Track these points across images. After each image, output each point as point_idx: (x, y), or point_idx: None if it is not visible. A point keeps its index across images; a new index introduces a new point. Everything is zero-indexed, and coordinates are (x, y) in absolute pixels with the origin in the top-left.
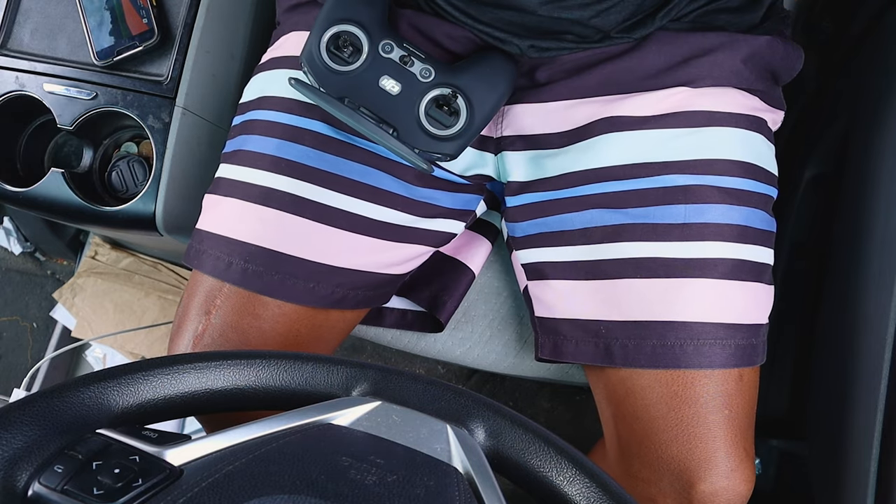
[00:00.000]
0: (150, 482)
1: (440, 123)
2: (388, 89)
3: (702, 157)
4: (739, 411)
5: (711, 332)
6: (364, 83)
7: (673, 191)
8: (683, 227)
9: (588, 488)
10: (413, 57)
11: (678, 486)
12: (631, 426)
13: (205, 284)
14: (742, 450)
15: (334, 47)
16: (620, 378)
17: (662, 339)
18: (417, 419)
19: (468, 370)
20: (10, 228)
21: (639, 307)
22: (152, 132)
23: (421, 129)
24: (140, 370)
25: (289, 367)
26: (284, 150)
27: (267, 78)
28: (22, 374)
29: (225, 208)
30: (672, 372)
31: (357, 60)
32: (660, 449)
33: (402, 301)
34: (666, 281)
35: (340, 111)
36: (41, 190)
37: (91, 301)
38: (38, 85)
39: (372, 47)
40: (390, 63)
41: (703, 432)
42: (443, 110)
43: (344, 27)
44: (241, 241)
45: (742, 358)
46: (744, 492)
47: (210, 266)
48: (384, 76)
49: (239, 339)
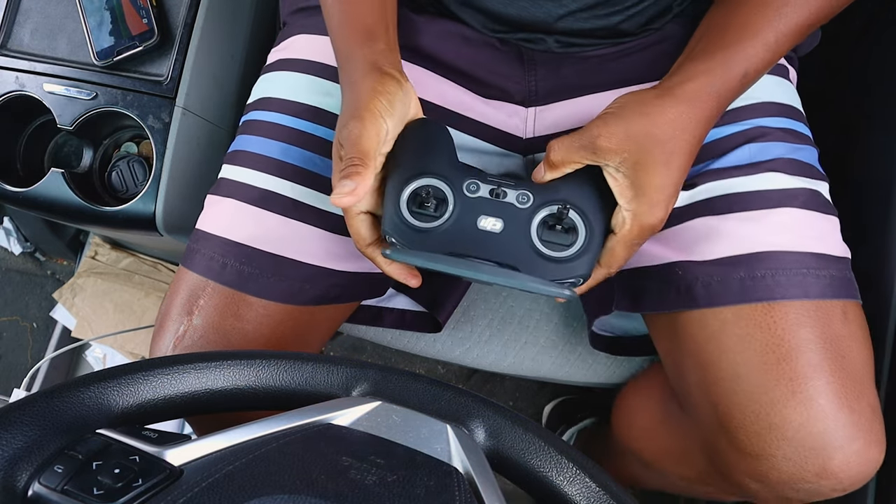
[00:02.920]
0: (150, 482)
1: (559, 245)
2: (489, 229)
3: (749, 102)
4: (855, 357)
5: (803, 261)
6: (462, 232)
7: (732, 137)
8: (751, 165)
9: (588, 488)
10: (503, 187)
11: (798, 456)
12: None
13: (188, 284)
14: (867, 405)
15: (416, 206)
16: (700, 322)
17: (751, 271)
18: (417, 419)
19: (468, 370)
20: (10, 228)
21: (717, 244)
22: (152, 132)
23: (542, 258)
24: (140, 370)
25: (289, 367)
26: (289, 154)
27: (272, 79)
28: (22, 374)
29: (223, 209)
30: (766, 308)
31: (445, 212)
32: (770, 410)
33: (402, 301)
34: (744, 214)
35: (456, 266)
36: (41, 190)
37: (91, 301)
38: (38, 85)
39: (457, 192)
40: (482, 201)
41: (816, 385)
42: (556, 230)
43: (420, 182)
44: (239, 243)
45: (840, 289)
46: (875, 457)
47: (204, 266)
48: (481, 217)
49: (220, 341)
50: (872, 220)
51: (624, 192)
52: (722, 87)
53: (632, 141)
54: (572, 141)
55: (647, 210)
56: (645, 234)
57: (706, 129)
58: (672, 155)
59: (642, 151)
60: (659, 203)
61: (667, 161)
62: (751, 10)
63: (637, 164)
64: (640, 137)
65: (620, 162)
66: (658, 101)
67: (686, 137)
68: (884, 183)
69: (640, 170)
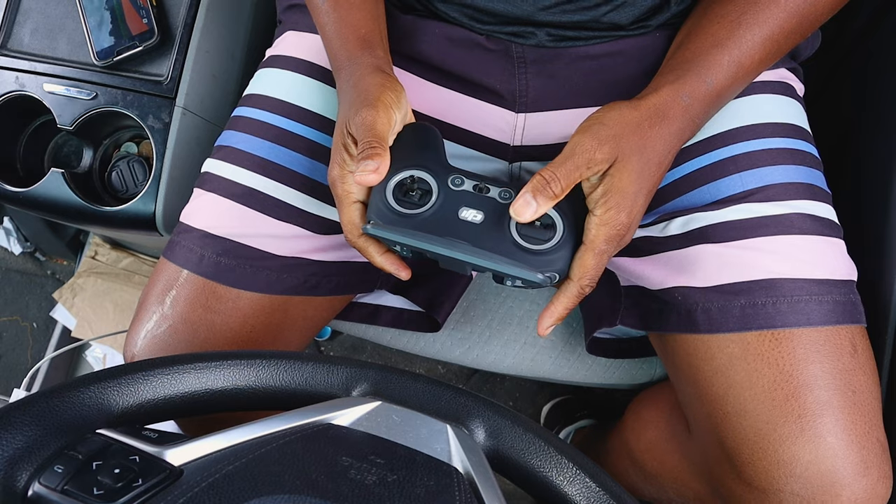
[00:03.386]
0: (150, 482)
1: (537, 239)
2: (470, 219)
3: (741, 124)
4: (864, 392)
5: (804, 287)
6: (443, 219)
7: (721, 164)
8: (746, 194)
9: (588, 488)
10: (487, 184)
11: (806, 493)
12: (732, 421)
13: (165, 274)
14: (875, 441)
15: (402, 195)
16: (706, 354)
17: (751, 298)
18: (417, 419)
19: (468, 370)
20: (10, 228)
21: (717, 271)
22: (152, 132)
23: (519, 249)
24: (140, 370)
25: (289, 367)
26: (273, 153)
27: (263, 76)
28: (22, 374)
29: (205, 203)
30: (773, 342)
31: (429, 201)
32: (778, 447)
33: (399, 300)
34: (742, 242)
35: (431, 242)
36: (41, 190)
37: (91, 301)
38: (38, 85)
39: (441, 184)
40: (465, 194)
41: (825, 422)
42: (534, 226)
43: (407, 172)
44: (218, 236)
45: (843, 314)
46: (883, 493)
47: (182, 257)
48: (462, 208)
49: (188, 332)
50: (871, 227)
51: (595, 197)
52: (691, 99)
53: (617, 151)
54: (567, 166)
55: (613, 215)
56: (612, 242)
57: (678, 142)
58: (646, 164)
59: (622, 160)
60: (624, 209)
61: (640, 170)
62: (715, 22)
63: (614, 171)
64: (623, 148)
65: (605, 169)
66: (636, 113)
67: (658, 149)
68: (883, 188)
69: (614, 176)
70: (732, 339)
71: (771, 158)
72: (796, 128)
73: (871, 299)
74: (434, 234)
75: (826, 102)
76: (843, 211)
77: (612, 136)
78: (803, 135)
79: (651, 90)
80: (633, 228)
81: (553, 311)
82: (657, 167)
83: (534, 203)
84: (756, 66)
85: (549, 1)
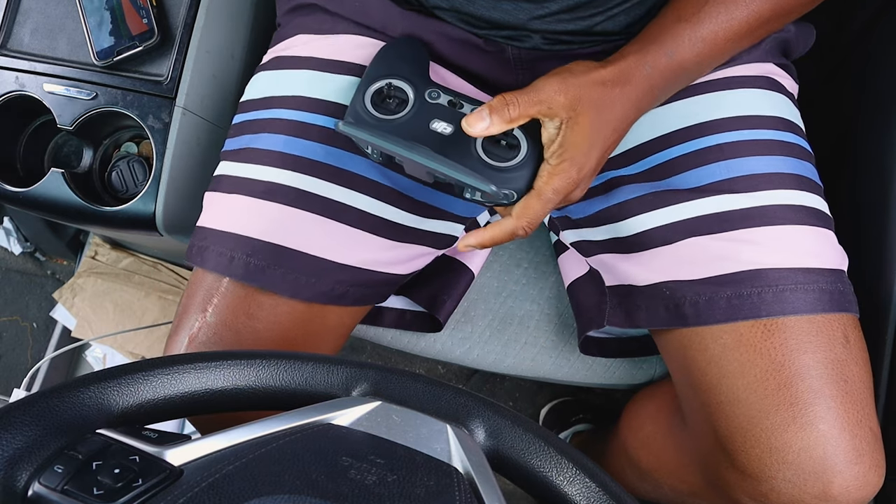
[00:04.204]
0: (150, 482)
1: (500, 157)
2: (440, 131)
3: (727, 115)
4: (856, 381)
5: (790, 277)
6: (414, 128)
7: (706, 151)
8: (731, 182)
9: (588, 488)
10: (461, 100)
11: (798, 479)
12: (725, 410)
13: (204, 283)
14: (867, 430)
15: (379, 101)
16: (700, 345)
17: (737, 289)
18: (417, 419)
19: (468, 370)
20: (10, 228)
21: (702, 264)
22: (152, 132)
23: (483, 164)
24: (140, 370)
25: (289, 367)
26: (291, 145)
27: (271, 77)
28: (22, 374)
29: (228, 204)
30: (765, 332)
31: (404, 109)
32: (770, 434)
33: (401, 300)
34: (728, 234)
35: (397, 144)
36: (41, 190)
37: (91, 301)
38: (38, 85)
39: (418, 95)
40: (439, 107)
41: (817, 410)
42: (500, 145)
43: (387, 80)
44: (245, 237)
45: (830, 302)
46: (875, 481)
47: (213, 262)
48: (434, 120)
49: (233, 339)
50: (870, 226)
51: (552, 147)
52: (652, 69)
53: (581, 102)
54: (530, 97)
55: (566, 167)
56: (559, 193)
57: (636, 111)
58: (603, 124)
59: (584, 114)
60: (577, 164)
61: (598, 127)
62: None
63: (572, 123)
64: (586, 101)
65: (565, 119)
66: (602, 71)
67: (616, 112)
68: (882, 186)
69: (572, 129)
70: (725, 330)
71: (757, 148)
72: (784, 121)
73: (871, 296)
74: (402, 138)
75: (826, 102)
76: (843, 209)
77: (576, 85)
78: (791, 127)
79: (619, 56)
80: (581, 186)
81: (480, 235)
82: (612, 131)
83: (487, 119)
84: (724, 45)
85: (542, 11)
